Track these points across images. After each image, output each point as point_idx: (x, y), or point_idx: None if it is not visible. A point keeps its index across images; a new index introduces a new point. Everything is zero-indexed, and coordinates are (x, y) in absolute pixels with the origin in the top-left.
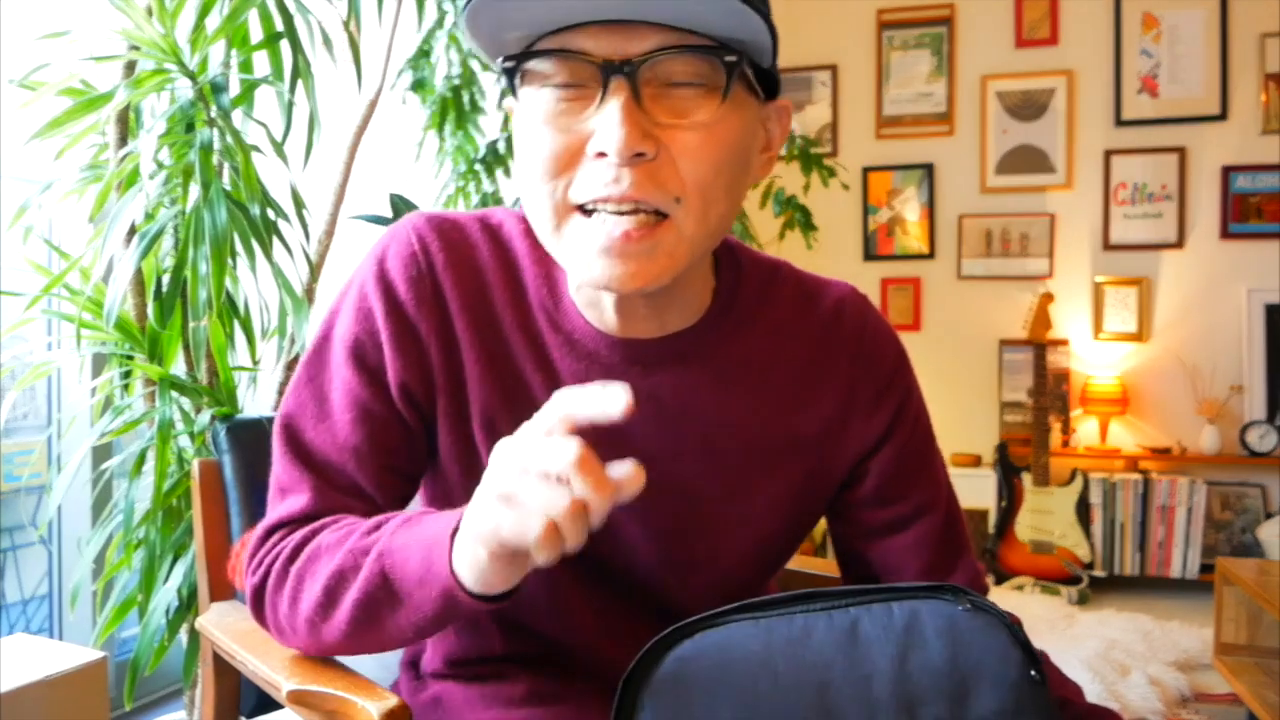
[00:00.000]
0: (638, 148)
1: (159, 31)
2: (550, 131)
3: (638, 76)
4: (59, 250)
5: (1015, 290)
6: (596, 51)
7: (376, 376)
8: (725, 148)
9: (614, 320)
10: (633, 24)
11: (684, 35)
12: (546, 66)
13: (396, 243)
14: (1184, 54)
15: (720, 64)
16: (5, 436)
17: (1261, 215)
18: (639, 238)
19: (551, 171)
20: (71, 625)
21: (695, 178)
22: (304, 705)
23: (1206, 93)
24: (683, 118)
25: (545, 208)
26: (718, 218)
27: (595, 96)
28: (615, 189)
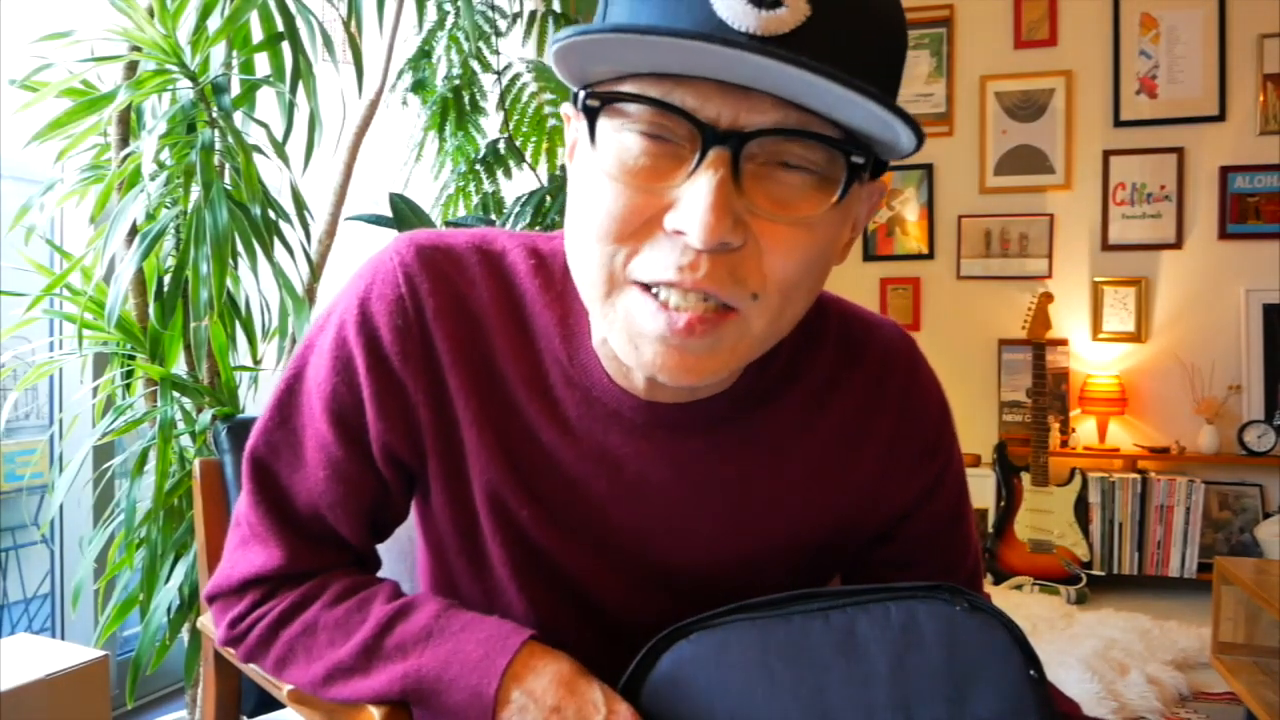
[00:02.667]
0: (726, 238)
1: (160, 32)
2: (623, 190)
3: (743, 153)
4: (61, 251)
5: (1014, 290)
6: (702, 112)
7: (356, 436)
8: (820, 250)
9: (642, 383)
10: (754, 93)
11: (807, 116)
12: (635, 113)
13: (381, 281)
14: (1182, 54)
15: (843, 162)
16: (7, 436)
17: (1260, 215)
18: (702, 332)
19: (616, 235)
20: (73, 624)
21: (781, 276)
22: (305, 705)
23: (1205, 93)
24: (784, 211)
25: (599, 274)
26: (791, 318)
27: (688, 161)
28: (689, 276)
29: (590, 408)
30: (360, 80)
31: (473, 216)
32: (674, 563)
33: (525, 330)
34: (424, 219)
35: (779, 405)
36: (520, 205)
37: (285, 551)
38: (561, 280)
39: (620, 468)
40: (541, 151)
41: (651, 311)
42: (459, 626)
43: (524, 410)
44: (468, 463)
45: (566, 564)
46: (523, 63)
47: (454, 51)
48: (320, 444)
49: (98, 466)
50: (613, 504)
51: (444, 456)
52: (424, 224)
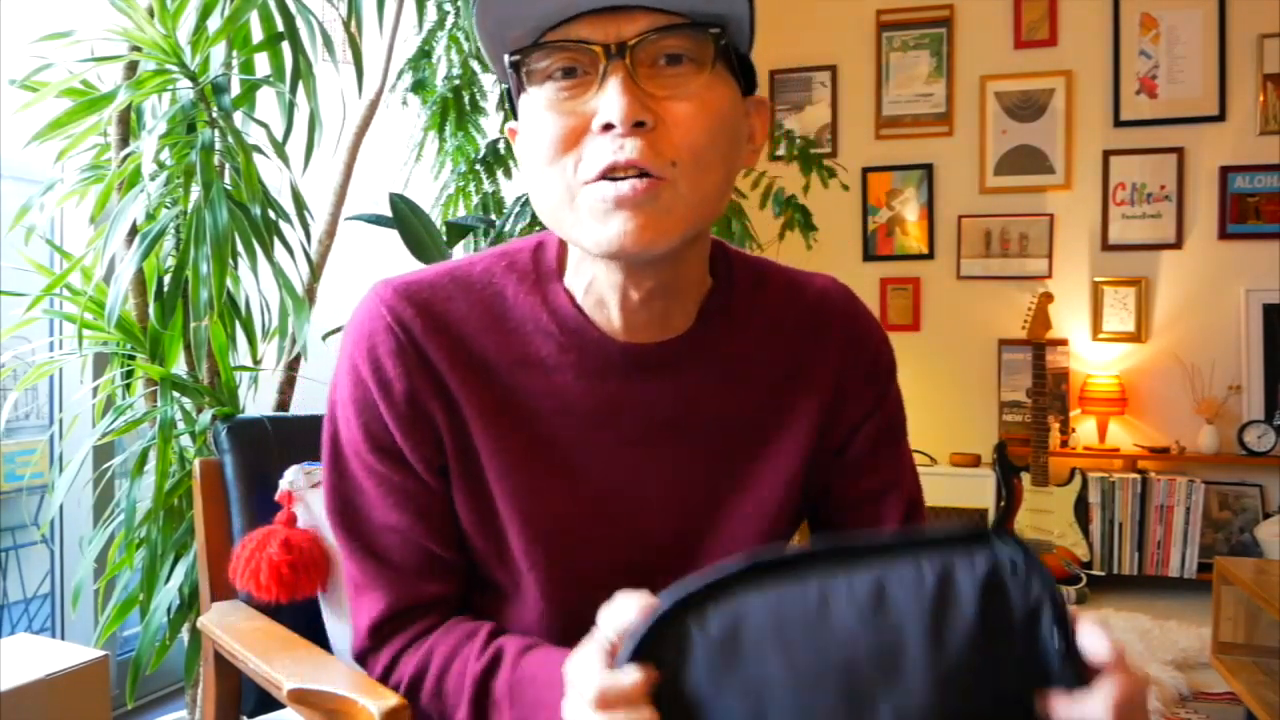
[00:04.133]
0: (638, 116)
1: (160, 32)
2: (555, 116)
3: (633, 56)
4: (61, 251)
5: (1014, 290)
6: (593, 37)
7: (399, 458)
8: (715, 117)
9: (620, 323)
10: (625, 10)
11: (669, 15)
12: (548, 61)
13: (371, 319)
14: (1182, 55)
15: (706, 38)
16: (7, 436)
17: (1259, 215)
18: (644, 189)
19: (559, 151)
20: (73, 624)
21: (689, 143)
22: (305, 704)
23: (1205, 93)
24: (675, 90)
25: (558, 188)
26: (712, 185)
27: (594, 81)
28: (621, 155)
29: (584, 363)
30: (360, 80)
31: (473, 216)
32: (655, 499)
33: (507, 321)
34: (424, 219)
35: (739, 340)
36: (520, 205)
37: (389, 593)
38: (533, 268)
39: (619, 412)
40: None
41: (603, 192)
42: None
43: (521, 391)
44: (480, 455)
45: (579, 531)
46: None
47: (454, 51)
48: (375, 477)
49: (98, 466)
50: (616, 452)
51: (459, 456)
52: (424, 224)
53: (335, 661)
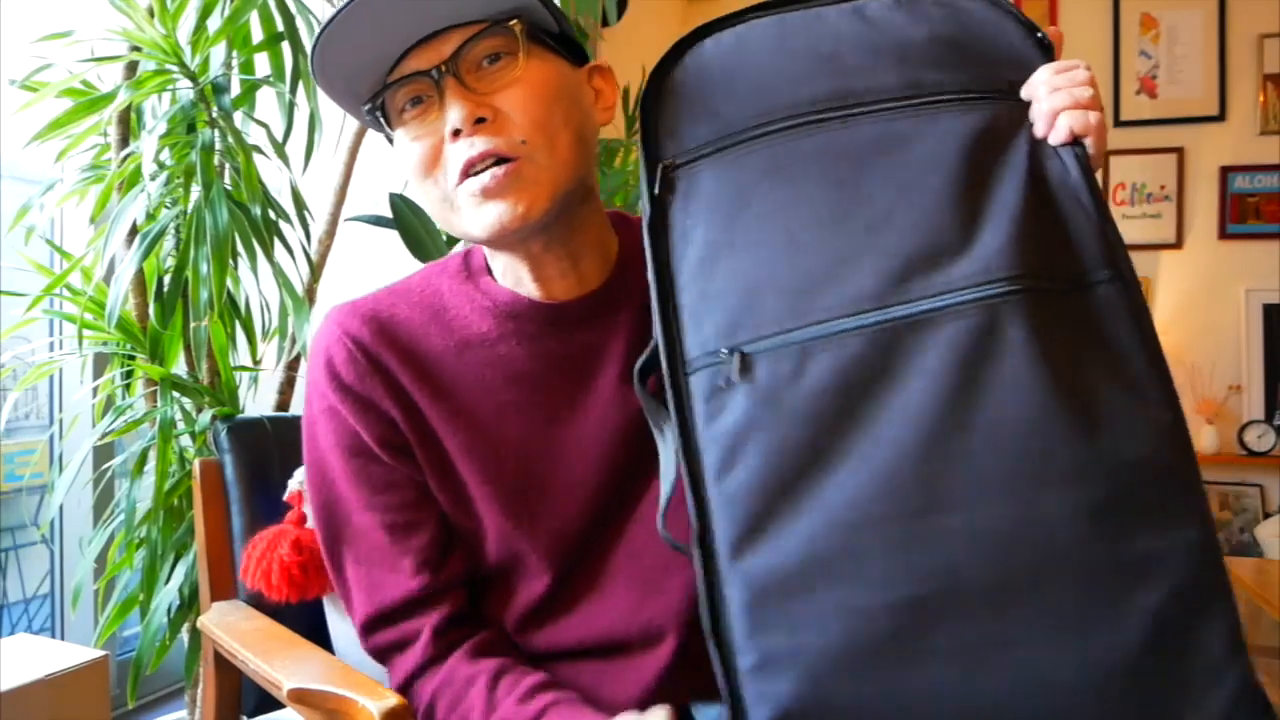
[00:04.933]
0: (476, 114)
1: (160, 32)
2: (416, 143)
3: (457, 68)
4: (61, 251)
5: None
6: (423, 66)
7: (363, 450)
8: (545, 91)
9: (539, 289)
10: (440, 35)
11: (473, 26)
12: (395, 98)
13: (326, 338)
14: (1182, 55)
15: (509, 32)
16: (7, 436)
17: (1260, 215)
18: (503, 175)
19: (428, 169)
20: (73, 625)
21: (529, 118)
22: (305, 704)
23: (1205, 93)
24: (501, 81)
25: (436, 196)
26: (566, 146)
27: (436, 100)
28: (473, 151)
29: (523, 328)
30: None
31: None
32: (584, 446)
33: (447, 313)
34: (424, 219)
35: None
36: None
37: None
38: (464, 266)
39: (561, 365)
40: None
41: (471, 187)
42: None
43: (468, 372)
44: (442, 441)
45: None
46: None
47: None
48: (352, 476)
49: (98, 466)
50: (569, 401)
51: (423, 445)
52: (424, 224)
53: (335, 661)
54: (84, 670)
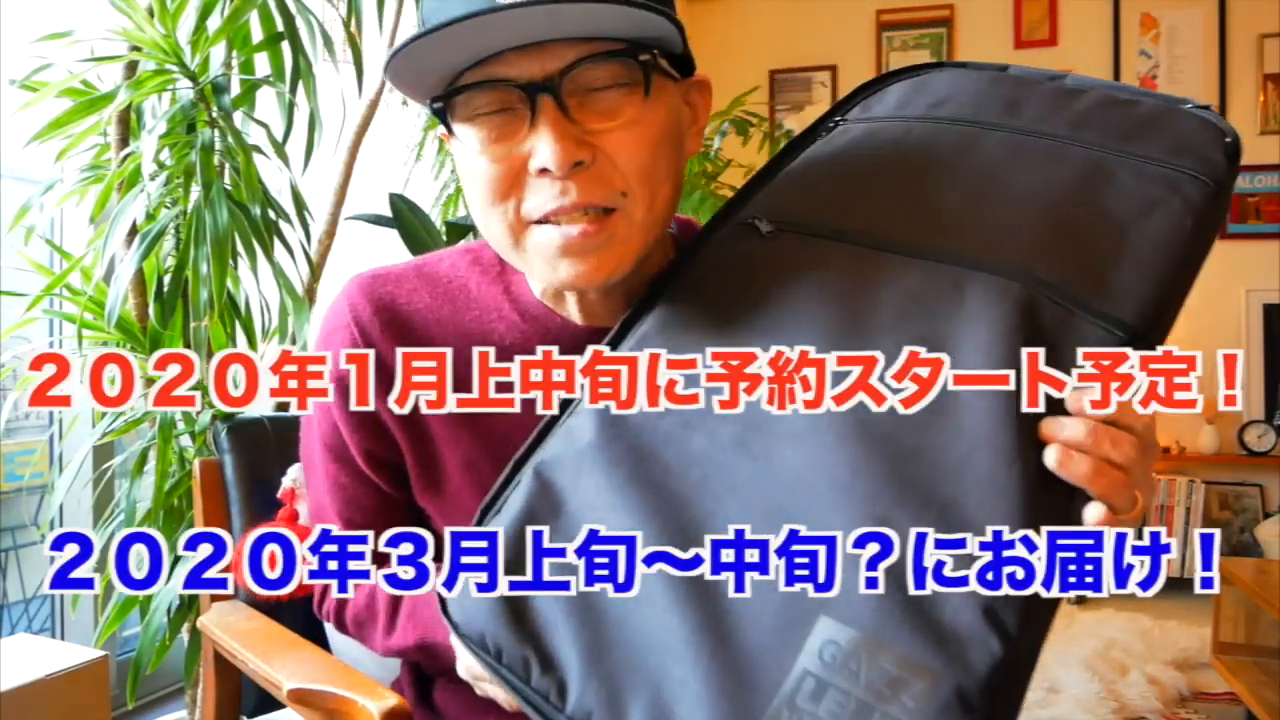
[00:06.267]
0: (575, 158)
1: (160, 32)
2: (490, 161)
3: (561, 90)
4: (60, 251)
5: None
6: (519, 75)
7: (342, 454)
8: (657, 136)
9: (579, 314)
10: (548, 42)
11: (596, 44)
12: (472, 100)
13: (334, 318)
14: (1182, 55)
15: (636, 64)
16: (7, 436)
17: (1260, 215)
18: (594, 233)
19: (499, 196)
20: (73, 625)
21: (635, 169)
22: (305, 704)
23: (1205, 93)
24: (612, 119)
25: (502, 228)
26: (664, 200)
27: (526, 117)
28: (565, 200)
29: (547, 344)
30: (360, 80)
31: None
32: None
33: (468, 311)
34: (424, 219)
35: None
36: None
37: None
38: (497, 262)
39: None
40: None
41: (551, 233)
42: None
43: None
44: (439, 449)
45: None
46: None
47: None
48: (325, 474)
49: (97, 466)
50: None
51: (416, 450)
52: (424, 224)
53: (335, 661)
54: (84, 670)
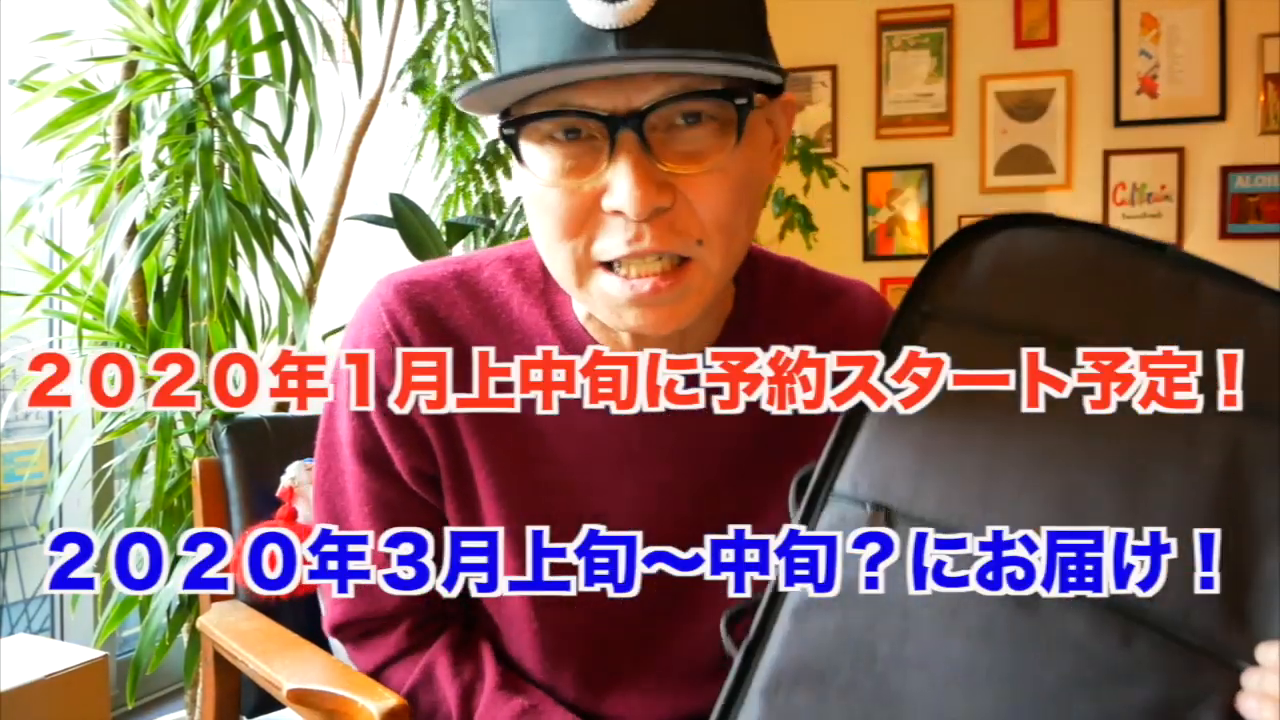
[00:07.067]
0: (655, 204)
1: (160, 32)
2: (561, 194)
3: (645, 126)
4: (60, 250)
5: None
6: (600, 106)
7: (386, 468)
8: (741, 183)
9: (631, 348)
10: (635, 74)
11: (689, 79)
12: (547, 126)
13: (370, 325)
14: (1183, 54)
15: (731, 106)
16: (7, 436)
17: (1260, 216)
18: (668, 286)
19: (569, 232)
20: (73, 625)
21: (715, 218)
22: (305, 704)
23: (1205, 93)
24: (697, 164)
25: (568, 266)
26: (740, 246)
27: (603, 149)
28: (639, 246)
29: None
30: (360, 80)
31: (473, 216)
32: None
33: (511, 333)
34: (424, 219)
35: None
36: (520, 205)
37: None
38: (541, 278)
39: (624, 432)
40: None
41: (619, 285)
42: None
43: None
44: (474, 470)
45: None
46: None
47: (454, 51)
48: (358, 484)
49: (97, 466)
50: (618, 472)
51: (452, 470)
52: (424, 224)
53: (335, 661)
54: (84, 670)
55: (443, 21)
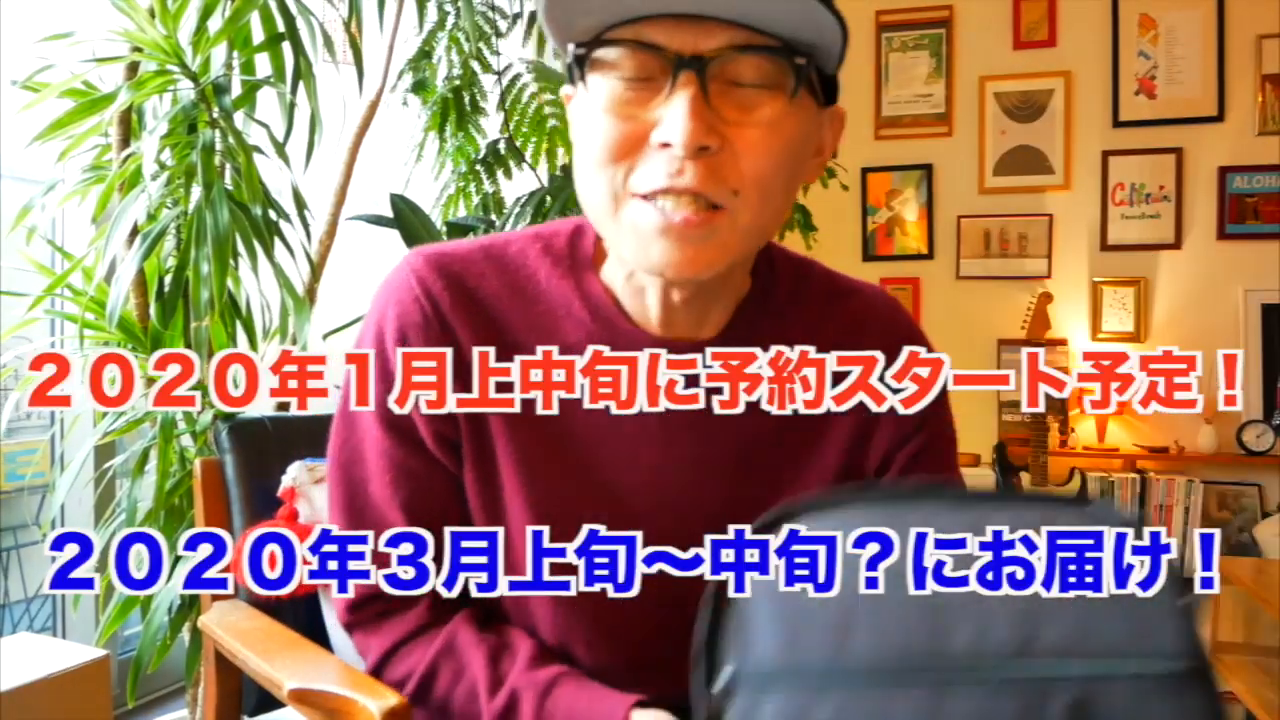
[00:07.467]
0: (703, 141)
1: (161, 33)
2: (614, 120)
3: (706, 72)
4: (62, 251)
5: (1013, 290)
6: (668, 45)
7: (408, 434)
8: (786, 145)
9: (657, 318)
10: (704, 19)
11: (753, 34)
12: (615, 56)
13: (399, 291)
14: (1181, 55)
15: (789, 65)
16: (9, 436)
17: (1258, 216)
18: (698, 223)
19: (613, 157)
20: (74, 624)
21: (755, 173)
22: (305, 704)
23: (1204, 94)
24: (748, 114)
25: (604, 192)
26: (772, 213)
27: (663, 88)
28: (679, 180)
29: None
30: (360, 81)
31: (473, 217)
32: (691, 501)
33: (538, 304)
34: (424, 219)
35: (775, 342)
36: (520, 206)
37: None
38: (569, 254)
39: (639, 426)
40: (542, 152)
41: (652, 214)
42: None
43: None
44: (495, 440)
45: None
46: (523, 63)
47: (454, 52)
48: (380, 451)
49: (99, 466)
50: (637, 449)
51: (473, 437)
52: (424, 224)
53: (336, 661)
54: (85, 669)
55: (443, 22)
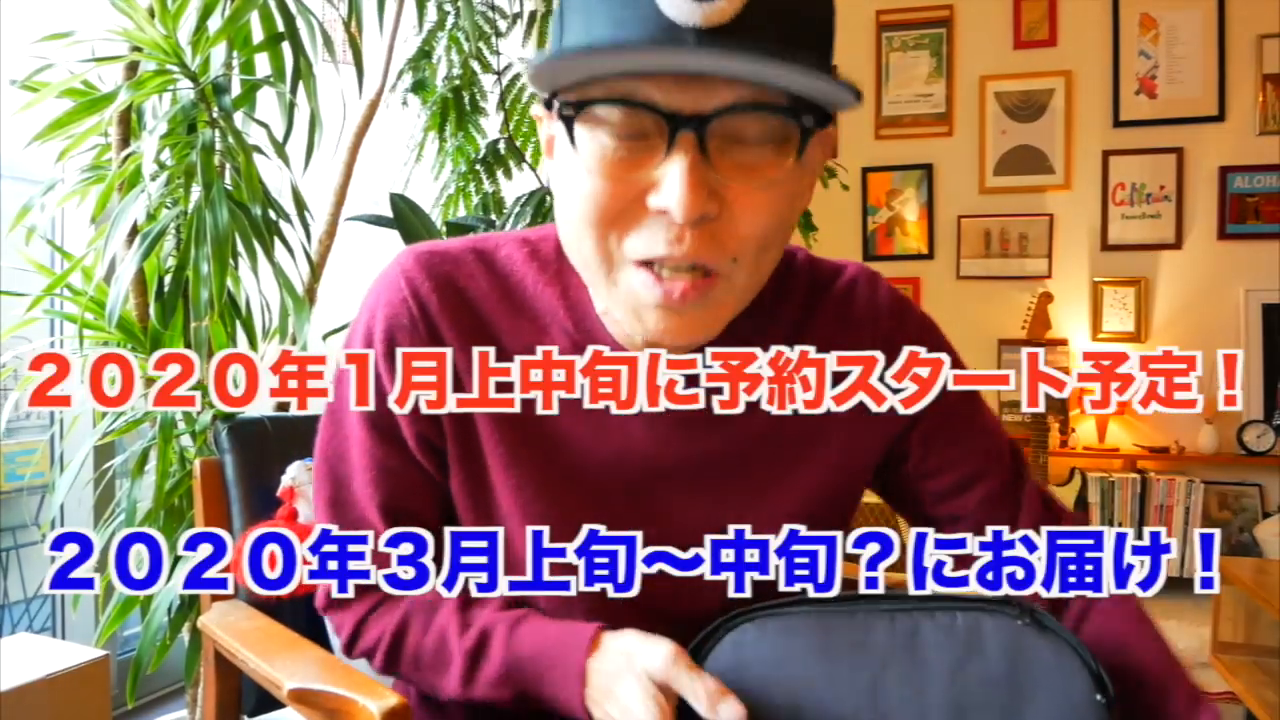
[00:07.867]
0: (704, 210)
1: (161, 33)
2: (606, 181)
3: (707, 132)
4: (61, 251)
5: (1014, 290)
6: (665, 103)
7: (392, 435)
8: (787, 203)
9: (640, 336)
10: (705, 76)
11: (758, 90)
12: (606, 113)
13: (388, 290)
14: (1182, 55)
15: (796, 125)
16: (8, 436)
17: (1259, 216)
18: (695, 297)
19: (606, 221)
20: (74, 624)
21: (755, 235)
22: (305, 704)
23: (1204, 93)
24: (752, 177)
25: (596, 257)
26: (768, 265)
27: (658, 147)
28: (678, 249)
29: None
30: (360, 80)
31: (473, 216)
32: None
33: (525, 311)
34: (424, 219)
35: (762, 343)
36: (520, 205)
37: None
38: (556, 260)
39: (628, 426)
40: (541, 152)
41: (649, 285)
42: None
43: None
44: (483, 443)
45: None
46: (523, 63)
47: (454, 52)
48: (363, 449)
49: (98, 466)
50: (627, 454)
51: (460, 440)
52: (424, 224)
53: (335, 661)
54: (84, 670)
55: (443, 22)
